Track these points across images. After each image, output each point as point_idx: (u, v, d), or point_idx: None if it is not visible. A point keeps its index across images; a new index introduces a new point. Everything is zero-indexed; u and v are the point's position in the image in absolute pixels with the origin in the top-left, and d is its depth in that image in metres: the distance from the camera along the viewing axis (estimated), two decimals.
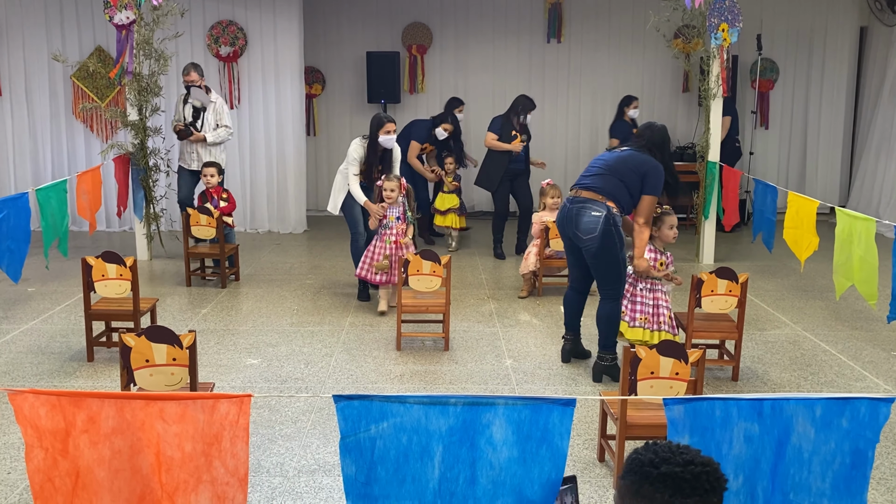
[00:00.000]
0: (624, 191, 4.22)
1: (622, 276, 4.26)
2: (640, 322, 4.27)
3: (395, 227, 5.49)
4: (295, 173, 8.67)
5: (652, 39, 9.16)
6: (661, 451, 1.40)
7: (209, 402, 1.82)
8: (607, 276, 4.27)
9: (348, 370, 4.52)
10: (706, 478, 1.39)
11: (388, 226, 5.51)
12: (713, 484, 1.40)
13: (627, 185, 4.22)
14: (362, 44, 9.37)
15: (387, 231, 5.50)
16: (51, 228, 5.51)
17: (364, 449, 1.86)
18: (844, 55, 9.51)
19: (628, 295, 4.37)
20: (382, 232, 5.50)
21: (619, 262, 4.24)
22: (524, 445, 1.87)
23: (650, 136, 4.34)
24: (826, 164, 9.71)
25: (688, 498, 1.37)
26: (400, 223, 5.53)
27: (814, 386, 4.36)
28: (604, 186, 4.23)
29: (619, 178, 4.23)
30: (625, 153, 4.33)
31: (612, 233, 4.18)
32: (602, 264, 4.26)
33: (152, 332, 3.07)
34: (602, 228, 4.16)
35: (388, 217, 5.49)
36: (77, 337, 4.98)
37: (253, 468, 3.36)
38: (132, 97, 6.86)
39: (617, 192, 4.21)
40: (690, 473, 1.38)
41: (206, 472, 1.84)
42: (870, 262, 4.48)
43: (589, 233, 4.20)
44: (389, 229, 5.50)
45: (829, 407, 1.93)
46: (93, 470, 1.81)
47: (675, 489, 1.38)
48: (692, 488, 1.38)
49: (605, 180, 4.24)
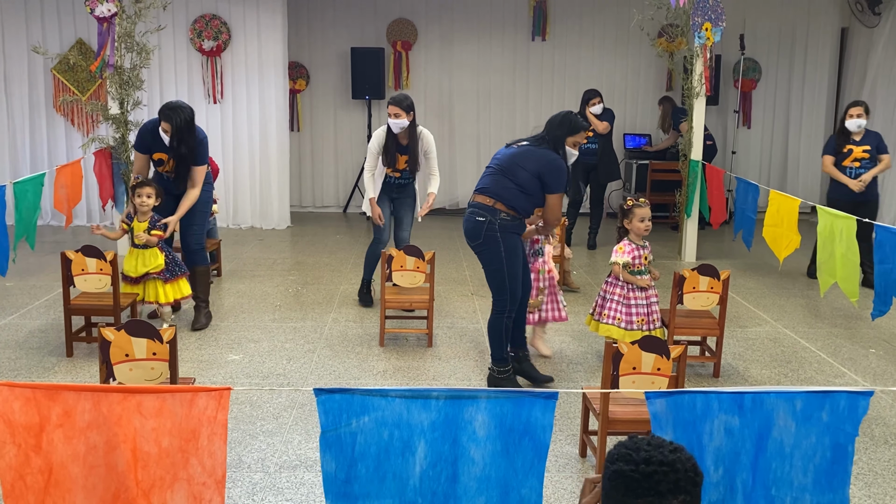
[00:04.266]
0: (514, 191, 3.89)
1: (506, 288, 3.98)
2: (638, 325, 4.27)
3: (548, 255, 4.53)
4: (278, 169, 8.62)
5: (636, 38, 9.19)
6: (626, 446, 1.37)
7: (188, 395, 1.80)
8: (492, 284, 4.03)
9: (331, 366, 4.49)
10: (661, 478, 1.31)
11: (540, 252, 4.51)
12: (671, 486, 1.32)
13: (519, 184, 3.89)
14: (347, 39, 9.33)
15: (539, 259, 4.51)
16: (22, 223, 5.43)
17: (345, 444, 1.84)
18: (826, 56, 9.60)
19: (621, 300, 4.29)
20: (533, 260, 4.47)
21: (502, 270, 3.96)
22: (507, 438, 1.86)
23: (549, 128, 4.02)
24: (807, 163, 9.80)
25: (639, 498, 1.32)
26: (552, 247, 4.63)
27: (794, 382, 4.39)
28: (492, 188, 3.94)
29: (508, 178, 3.91)
30: (519, 149, 4.00)
31: (494, 239, 3.91)
32: (487, 271, 4.03)
33: (132, 326, 3.03)
34: (485, 234, 3.91)
35: (539, 241, 4.50)
36: (56, 332, 4.92)
37: (234, 464, 3.33)
38: (113, 91, 6.78)
39: (506, 193, 3.90)
40: (641, 473, 1.32)
41: (182, 470, 1.82)
42: (851, 260, 4.52)
43: (473, 239, 3.98)
44: (542, 257, 4.52)
45: (809, 400, 1.94)
46: (66, 466, 1.78)
47: (626, 488, 1.33)
48: (644, 489, 1.32)
49: (495, 181, 3.94)
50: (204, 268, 5.22)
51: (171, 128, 4.87)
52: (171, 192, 5.12)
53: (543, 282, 4.50)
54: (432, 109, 9.62)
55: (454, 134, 9.73)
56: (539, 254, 4.48)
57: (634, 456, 1.34)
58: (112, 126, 6.89)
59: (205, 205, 5.22)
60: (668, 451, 1.34)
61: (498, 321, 4.06)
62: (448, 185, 9.79)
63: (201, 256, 5.20)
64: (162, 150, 5.02)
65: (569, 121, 4.02)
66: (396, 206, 5.62)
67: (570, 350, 4.83)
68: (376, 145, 5.41)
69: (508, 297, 4.00)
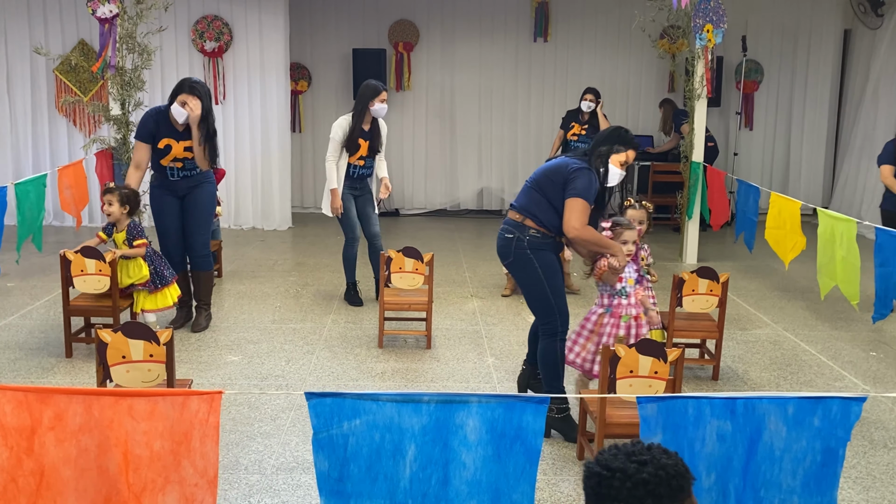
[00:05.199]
0: (545, 205, 3.56)
1: (553, 307, 3.58)
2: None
3: (633, 295, 3.73)
4: (280, 170, 8.63)
5: (638, 39, 9.18)
6: (608, 451, 1.37)
7: (179, 398, 1.80)
8: (534, 306, 3.66)
9: (329, 368, 4.50)
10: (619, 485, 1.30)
11: (623, 292, 3.70)
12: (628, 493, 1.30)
13: (549, 198, 3.55)
14: (348, 40, 9.34)
15: (622, 301, 3.70)
16: (26, 223, 5.45)
17: (337, 446, 1.85)
18: (828, 57, 9.57)
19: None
20: (616, 302, 3.71)
21: (544, 290, 3.57)
22: (498, 443, 1.86)
23: (595, 142, 3.67)
24: (809, 165, 9.78)
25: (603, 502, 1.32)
26: (640, 288, 3.79)
27: (793, 385, 4.38)
28: (523, 203, 3.63)
29: (540, 192, 3.58)
30: (554, 162, 3.68)
31: (526, 258, 3.57)
32: (526, 293, 3.69)
33: (129, 327, 3.04)
34: (514, 252, 3.60)
35: (624, 279, 3.70)
36: (56, 333, 4.93)
37: (231, 465, 3.33)
38: (115, 91, 6.79)
39: (536, 208, 3.57)
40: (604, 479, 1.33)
41: (174, 472, 1.82)
42: (852, 263, 4.51)
43: (504, 257, 3.67)
44: (627, 298, 3.71)
45: (801, 406, 1.94)
46: (58, 469, 1.78)
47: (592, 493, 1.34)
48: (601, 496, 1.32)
49: (528, 196, 3.63)
50: (208, 273, 5.16)
51: (197, 101, 4.67)
52: (176, 193, 4.94)
53: (626, 329, 3.68)
54: (434, 110, 9.62)
55: (455, 135, 9.73)
56: (622, 294, 3.70)
57: (603, 458, 1.34)
58: (113, 127, 6.91)
59: (210, 208, 5.13)
60: (635, 458, 1.32)
61: (551, 347, 3.61)
62: (449, 187, 9.80)
63: (207, 262, 5.13)
64: (170, 136, 4.77)
65: (617, 135, 3.62)
66: (360, 204, 5.66)
67: None
68: (341, 134, 5.46)
69: (557, 317, 3.59)
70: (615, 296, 3.70)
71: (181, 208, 4.99)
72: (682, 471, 1.34)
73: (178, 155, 4.86)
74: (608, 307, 3.72)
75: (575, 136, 7.34)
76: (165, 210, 4.97)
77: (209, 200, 5.09)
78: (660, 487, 1.30)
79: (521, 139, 9.70)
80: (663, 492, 1.30)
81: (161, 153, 4.86)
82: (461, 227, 8.96)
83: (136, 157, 4.92)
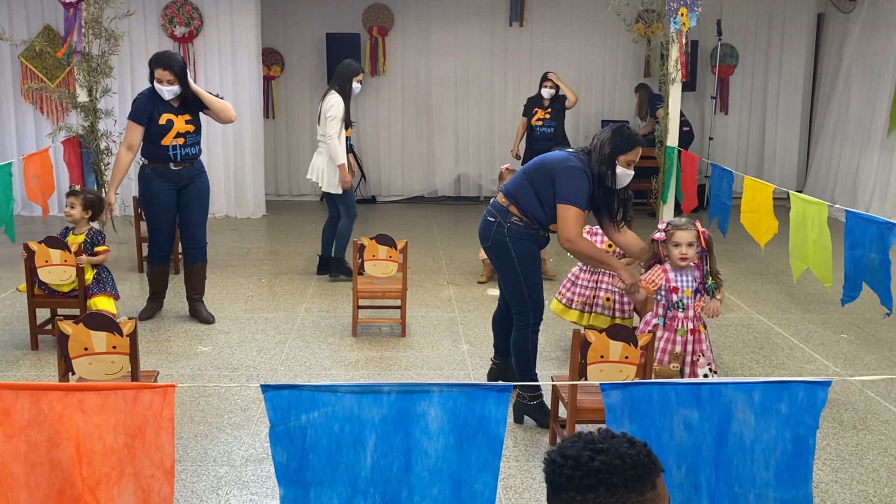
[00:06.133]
0: (532, 196, 3.44)
1: (526, 300, 3.49)
2: (577, 305, 4.38)
3: (691, 307, 3.47)
4: (253, 157, 8.52)
5: (613, 24, 9.15)
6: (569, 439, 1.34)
7: (131, 392, 1.75)
8: (509, 295, 3.58)
9: (302, 357, 4.45)
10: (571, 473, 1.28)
11: (679, 304, 3.46)
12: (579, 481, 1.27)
13: (537, 189, 3.43)
14: (322, 25, 9.22)
15: (678, 314, 3.46)
16: None
17: (295, 437, 1.81)
18: (802, 42, 9.61)
19: (570, 276, 4.43)
20: (672, 313, 3.47)
21: (518, 282, 3.48)
22: (461, 432, 1.83)
23: (598, 142, 3.46)
24: (784, 149, 9.83)
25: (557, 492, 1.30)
26: (699, 298, 3.50)
27: (765, 369, 4.40)
28: (511, 188, 3.51)
29: (530, 181, 3.46)
30: (555, 154, 3.52)
31: (504, 245, 3.46)
32: (501, 280, 3.61)
33: (90, 319, 2.97)
34: (493, 237, 3.49)
35: (680, 290, 3.45)
36: (21, 324, 4.83)
37: (199, 457, 3.28)
38: (81, 78, 6.65)
39: (523, 196, 3.45)
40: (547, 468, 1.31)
41: (129, 465, 1.77)
42: (823, 246, 4.53)
43: (484, 240, 3.57)
44: (684, 310, 3.46)
45: (767, 391, 1.92)
46: (7, 465, 1.73)
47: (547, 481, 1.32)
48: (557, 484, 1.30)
49: (518, 182, 3.50)
50: (203, 265, 5.08)
51: (170, 73, 4.59)
52: (177, 183, 4.79)
53: (683, 345, 3.45)
54: (409, 96, 9.54)
55: (432, 120, 9.66)
56: (679, 307, 3.44)
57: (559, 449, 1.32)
58: (81, 114, 6.77)
59: (207, 195, 5.01)
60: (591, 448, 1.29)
61: (523, 338, 3.55)
62: (426, 173, 9.73)
63: (204, 253, 5.06)
64: (168, 111, 4.68)
65: (621, 135, 3.41)
66: None
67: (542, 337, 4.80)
68: (342, 110, 5.69)
69: (531, 310, 3.51)
70: (671, 307, 3.46)
71: (178, 200, 4.86)
72: (642, 461, 1.30)
73: (180, 129, 4.74)
74: (661, 318, 3.48)
75: (540, 122, 7.32)
76: (162, 201, 4.80)
77: (208, 190, 5.03)
78: (613, 477, 1.26)
79: (498, 125, 9.65)
80: (617, 481, 1.26)
81: (162, 131, 4.70)
82: (438, 213, 8.92)
83: (128, 139, 4.75)
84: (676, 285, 3.46)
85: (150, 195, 4.84)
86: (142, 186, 4.88)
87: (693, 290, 3.47)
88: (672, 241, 3.44)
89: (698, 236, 3.46)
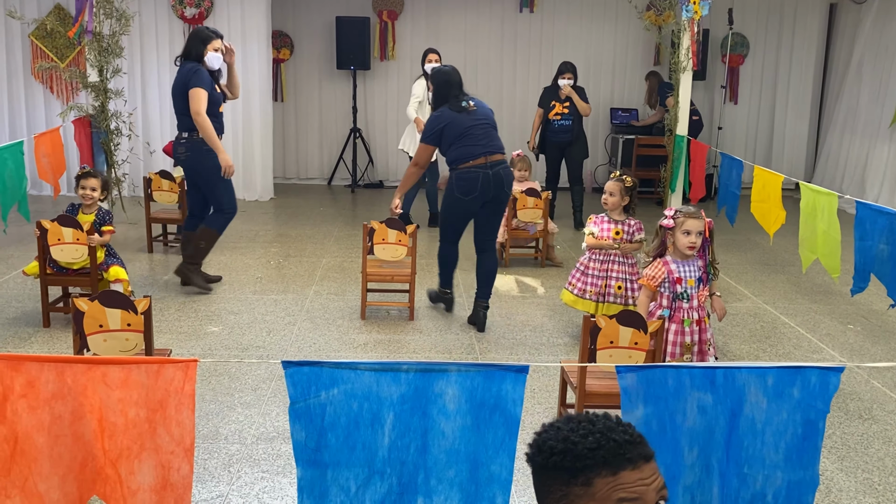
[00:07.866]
0: None
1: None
2: (591, 295, 4.41)
3: (695, 297, 3.48)
4: (261, 140, 8.52)
5: (624, 11, 9.11)
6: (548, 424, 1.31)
7: (153, 367, 1.77)
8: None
9: (311, 339, 4.48)
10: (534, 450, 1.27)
11: (685, 295, 3.46)
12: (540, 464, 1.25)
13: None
14: (332, 8, 9.19)
15: (682, 304, 3.47)
16: (8, 192, 5.35)
17: (314, 415, 1.83)
18: (814, 32, 9.55)
19: (580, 267, 4.48)
20: (677, 304, 3.46)
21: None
22: (477, 413, 1.85)
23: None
24: (793, 139, 9.80)
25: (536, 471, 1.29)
26: (703, 288, 3.51)
27: (771, 358, 4.42)
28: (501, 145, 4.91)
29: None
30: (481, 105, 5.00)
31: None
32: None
33: (106, 296, 2.99)
34: None
35: (684, 281, 3.45)
36: (33, 302, 4.87)
37: (211, 435, 3.32)
38: (92, 58, 6.66)
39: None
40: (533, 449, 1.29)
41: (149, 440, 1.80)
42: (833, 237, 4.54)
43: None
44: (688, 301, 3.48)
45: (780, 376, 1.94)
46: (31, 436, 1.76)
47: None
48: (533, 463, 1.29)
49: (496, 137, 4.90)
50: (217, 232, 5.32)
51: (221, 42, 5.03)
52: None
53: (691, 336, 3.46)
54: None
55: None
56: (684, 297, 3.45)
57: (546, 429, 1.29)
58: (91, 94, 6.78)
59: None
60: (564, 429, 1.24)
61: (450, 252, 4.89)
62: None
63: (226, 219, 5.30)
64: (217, 82, 5.16)
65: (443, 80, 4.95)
66: None
67: (551, 324, 4.84)
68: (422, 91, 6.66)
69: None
70: (676, 298, 3.46)
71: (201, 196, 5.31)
72: (607, 444, 1.21)
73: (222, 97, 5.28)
74: (667, 309, 3.46)
75: (558, 116, 7.23)
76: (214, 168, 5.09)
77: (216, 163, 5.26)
78: (566, 459, 1.22)
79: (507, 110, 9.62)
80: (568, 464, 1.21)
81: (219, 101, 5.15)
82: None
83: (203, 105, 4.96)
84: (680, 276, 3.46)
85: (208, 162, 5.10)
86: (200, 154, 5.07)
87: (696, 279, 3.49)
88: (682, 228, 3.44)
89: (704, 226, 3.49)
